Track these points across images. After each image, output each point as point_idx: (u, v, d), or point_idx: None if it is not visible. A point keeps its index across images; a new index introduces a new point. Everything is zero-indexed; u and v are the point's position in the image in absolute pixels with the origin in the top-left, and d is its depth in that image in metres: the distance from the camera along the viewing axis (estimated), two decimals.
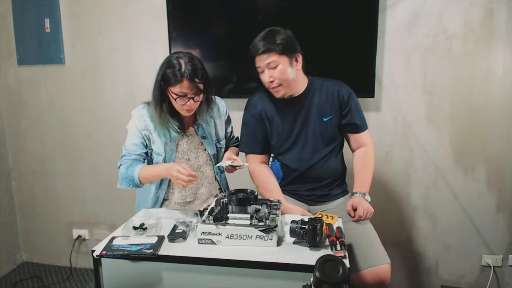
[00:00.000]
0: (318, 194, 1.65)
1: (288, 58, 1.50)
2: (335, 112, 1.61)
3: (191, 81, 1.41)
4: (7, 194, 2.58)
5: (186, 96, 1.43)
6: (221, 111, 1.67)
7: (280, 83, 1.52)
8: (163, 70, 1.45)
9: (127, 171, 1.49)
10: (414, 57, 2.05)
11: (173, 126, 1.51)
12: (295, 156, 1.62)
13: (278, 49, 1.47)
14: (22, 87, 2.46)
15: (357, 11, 2.00)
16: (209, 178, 1.65)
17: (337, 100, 1.60)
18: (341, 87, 1.62)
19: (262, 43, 1.48)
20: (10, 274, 2.55)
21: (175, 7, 2.12)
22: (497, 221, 2.12)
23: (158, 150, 1.55)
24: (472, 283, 2.21)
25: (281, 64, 1.49)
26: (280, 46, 1.47)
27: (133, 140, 1.54)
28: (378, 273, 1.37)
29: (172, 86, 1.42)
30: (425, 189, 2.18)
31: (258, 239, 1.19)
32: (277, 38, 1.48)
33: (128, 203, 2.41)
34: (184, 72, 1.41)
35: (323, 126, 1.60)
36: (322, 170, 1.62)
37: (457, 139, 2.10)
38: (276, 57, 1.48)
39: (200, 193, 1.63)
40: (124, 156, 1.54)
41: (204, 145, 1.61)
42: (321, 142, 1.61)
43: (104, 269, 1.19)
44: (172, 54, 1.50)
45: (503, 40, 1.95)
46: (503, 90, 2.00)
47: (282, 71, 1.49)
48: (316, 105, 1.60)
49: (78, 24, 2.32)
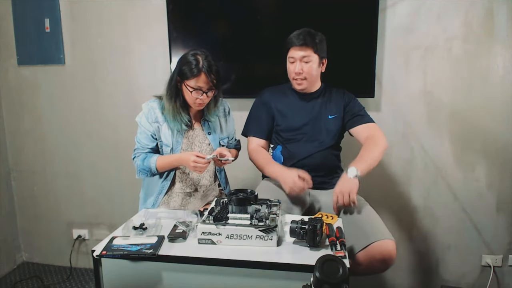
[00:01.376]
0: (319, 181, 1.68)
1: (319, 58, 1.67)
2: (339, 112, 1.75)
3: (207, 75, 1.51)
4: (7, 194, 2.58)
5: (201, 90, 1.53)
6: (226, 111, 1.76)
7: (305, 77, 1.67)
8: (181, 65, 1.55)
9: (143, 163, 1.60)
10: (414, 57, 2.05)
11: (184, 119, 1.61)
12: (300, 146, 1.72)
13: (316, 47, 1.63)
14: (22, 87, 2.46)
15: (357, 11, 2.00)
16: (211, 172, 1.72)
17: (341, 102, 1.76)
18: (346, 93, 1.80)
19: (305, 37, 1.62)
20: (10, 274, 2.55)
21: (175, 7, 2.12)
22: (497, 221, 2.12)
23: (167, 141, 1.63)
24: (472, 283, 2.21)
25: (313, 61, 1.65)
26: (318, 45, 1.64)
27: (145, 133, 1.64)
28: (382, 247, 1.36)
29: (189, 79, 1.53)
30: (425, 189, 2.18)
31: (258, 239, 1.19)
32: (316, 38, 1.64)
33: (128, 203, 2.42)
34: (202, 67, 1.51)
35: (329, 122, 1.73)
36: (321, 160, 1.70)
37: (457, 139, 2.10)
38: (312, 53, 1.64)
39: (201, 184, 1.69)
40: (137, 149, 1.65)
41: (208, 140, 1.68)
42: (325, 136, 1.72)
43: (104, 269, 1.18)
44: (189, 51, 1.58)
45: (503, 40, 1.96)
46: (503, 90, 2.00)
47: (311, 68, 1.66)
48: (324, 104, 1.75)
49: (78, 24, 2.32)
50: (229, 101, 1.81)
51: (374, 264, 1.38)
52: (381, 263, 1.38)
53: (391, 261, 1.37)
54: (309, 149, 1.70)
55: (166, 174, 1.66)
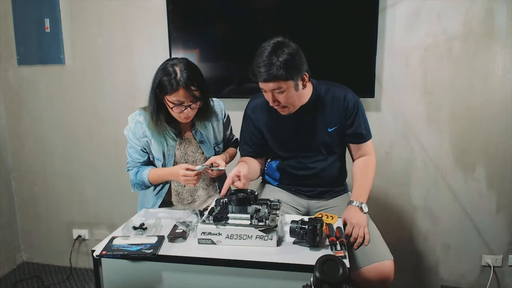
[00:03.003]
0: (318, 191, 1.64)
1: (294, 81, 1.39)
2: (340, 122, 1.54)
3: (187, 89, 1.38)
4: (7, 194, 2.58)
5: (183, 105, 1.42)
6: (219, 115, 1.65)
7: (285, 106, 1.45)
8: (159, 78, 1.42)
9: (136, 177, 1.56)
10: (414, 57, 2.05)
11: (170, 134, 1.51)
12: (296, 163, 1.60)
13: (284, 76, 1.35)
14: (22, 87, 2.46)
15: (357, 11, 2.00)
16: (207, 181, 1.67)
17: (342, 108, 1.53)
18: (347, 94, 1.54)
19: (265, 69, 1.35)
20: (10, 274, 2.55)
21: (175, 7, 2.12)
22: (497, 221, 2.12)
23: (157, 156, 1.56)
24: (472, 283, 2.21)
25: (287, 89, 1.39)
26: (285, 72, 1.34)
27: (134, 148, 1.57)
28: (381, 269, 1.34)
29: (168, 94, 1.40)
30: (425, 189, 2.18)
31: (258, 239, 1.19)
32: (281, 60, 1.34)
33: (128, 203, 2.41)
34: (179, 80, 1.38)
35: (328, 136, 1.55)
36: (322, 176, 1.60)
37: (457, 139, 2.10)
38: (282, 83, 1.37)
39: (197, 195, 1.65)
40: (129, 163, 1.60)
41: (201, 149, 1.62)
42: (324, 152, 1.58)
43: (104, 269, 1.18)
44: (167, 60, 1.46)
45: (503, 40, 1.96)
46: (503, 90, 2.00)
47: (288, 96, 1.41)
48: (321, 117, 1.54)
49: (78, 24, 2.32)
50: (229, 101, 1.80)
51: (371, 284, 1.36)
52: (378, 283, 1.36)
53: (389, 281, 1.36)
54: (306, 167, 1.59)
55: (160, 188, 1.61)
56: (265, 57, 1.35)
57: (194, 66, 1.45)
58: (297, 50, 1.40)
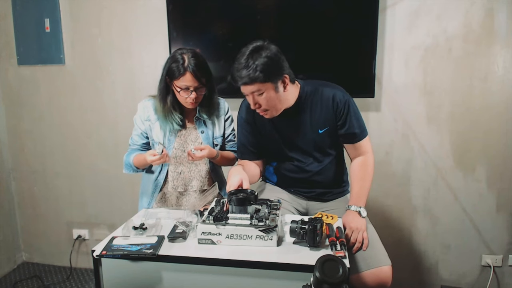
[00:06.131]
0: (317, 192, 1.63)
1: (273, 83, 1.38)
2: (330, 123, 1.50)
3: (193, 74, 1.50)
4: (7, 194, 2.58)
5: (189, 89, 1.53)
6: (221, 111, 1.73)
7: (266, 109, 1.44)
8: (168, 64, 1.55)
9: (127, 158, 1.67)
10: (414, 57, 2.05)
11: (176, 118, 1.61)
12: (292, 166, 1.59)
13: (261, 78, 1.35)
14: (22, 87, 2.46)
15: (357, 11, 2.00)
16: (202, 172, 1.70)
17: (331, 109, 1.48)
18: (336, 94, 1.48)
19: (243, 72, 1.35)
20: (10, 274, 2.55)
21: (175, 7, 2.12)
22: (497, 221, 2.12)
23: (158, 140, 1.63)
24: (472, 283, 2.21)
25: (266, 91, 1.38)
26: (262, 74, 1.34)
27: (136, 131, 1.69)
28: (379, 275, 1.34)
29: (176, 79, 1.52)
30: (425, 189, 2.18)
31: (258, 239, 1.19)
32: (258, 63, 1.34)
33: (128, 203, 2.42)
34: (187, 66, 1.50)
35: (320, 138, 1.52)
36: (319, 178, 1.58)
37: (457, 139, 2.10)
38: (260, 85, 1.36)
39: (191, 185, 1.69)
40: (130, 146, 1.72)
41: (201, 139, 1.67)
42: (318, 154, 1.55)
43: (104, 269, 1.18)
44: (177, 50, 1.58)
45: (503, 40, 1.96)
46: (503, 90, 2.00)
47: (268, 98, 1.40)
48: (309, 119, 1.51)
49: (78, 24, 2.32)
50: (230, 101, 1.80)
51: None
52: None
53: (387, 286, 1.36)
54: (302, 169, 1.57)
55: (158, 173, 1.68)
56: (242, 61, 1.37)
57: (201, 56, 1.57)
58: (275, 53, 1.39)
